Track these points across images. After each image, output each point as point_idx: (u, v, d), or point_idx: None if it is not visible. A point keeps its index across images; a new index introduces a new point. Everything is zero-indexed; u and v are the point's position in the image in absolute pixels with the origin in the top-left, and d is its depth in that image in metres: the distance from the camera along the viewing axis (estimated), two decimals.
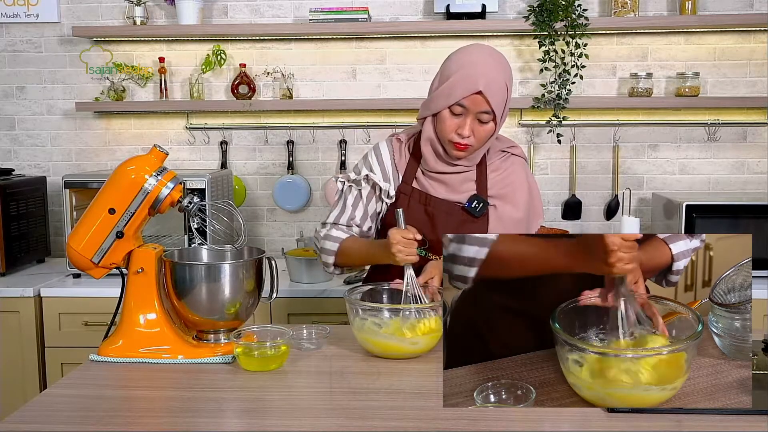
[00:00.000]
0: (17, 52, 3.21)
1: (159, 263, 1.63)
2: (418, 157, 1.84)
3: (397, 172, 1.87)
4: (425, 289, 1.69)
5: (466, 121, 1.71)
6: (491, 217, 1.82)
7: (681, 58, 3.08)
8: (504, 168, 1.85)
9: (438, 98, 1.74)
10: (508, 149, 1.89)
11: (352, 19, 2.98)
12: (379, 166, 1.87)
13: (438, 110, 1.74)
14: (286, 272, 2.75)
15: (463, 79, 1.68)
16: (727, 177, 3.12)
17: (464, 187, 1.82)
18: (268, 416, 1.31)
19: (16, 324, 2.63)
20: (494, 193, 1.83)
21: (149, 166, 1.60)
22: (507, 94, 1.73)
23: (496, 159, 1.86)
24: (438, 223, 1.80)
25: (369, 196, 1.88)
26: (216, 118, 3.20)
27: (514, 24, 2.96)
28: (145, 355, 1.59)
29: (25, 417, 1.30)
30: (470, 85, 1.67)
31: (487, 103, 1.68)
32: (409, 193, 1.84)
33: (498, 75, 1.70)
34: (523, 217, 1.84)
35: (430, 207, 1.82)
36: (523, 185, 1.86)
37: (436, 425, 1.24)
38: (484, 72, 1.68)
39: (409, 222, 1.75)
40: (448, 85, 1.71)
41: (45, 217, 3.11)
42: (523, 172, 1.88)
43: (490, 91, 1.67)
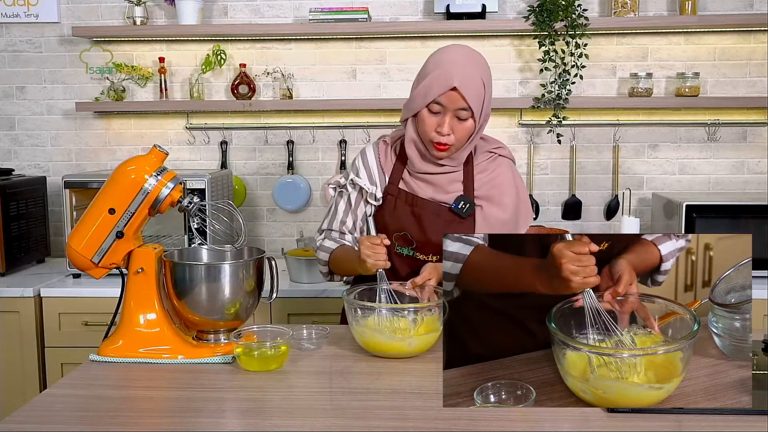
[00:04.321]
0: (17, 52, 3.21)
1: (159, 263, 1.63)
2: (405, 159, 1.85)
3: (383, 174, 1.88)
4: (422, 289, 1.69)
5: (445, 119, 1.72)
6: (478, 218, 1.82)
7: (681, 58, 3.08)
8: (491, 169, 1.86)
9: (416, 98, 1.75)
10: (495, 150, 1.89)
11: (352, 19, 2.98)
12: (365, 170, 1.88)
13: (417, 110, 1.76)
14: (286, 272, 2.75)
15: (438, 77, 1.70)
16: (727, 177, 3.12)
17: (451, 188, 1.83)
18: (268, 416, 1.31)
19: (16, 324, 2.63)
20: (481, 194, 1.83)
21: (149, 166, 1.60)
22: (484, 91, 1.73)
23: (483, 160, 1.86)
24: (425, 224, 1.81)
25: (357, 200, 1.90)
26: (216, 118, 3.20)
27: (514, 24, 2.96)
28: (145, 355, 1.59)
29: (25, 417, 1.30)
30: (445, 82, 1.69)
31: (463, 99, 1.69)
32: (395, 194, 1.85)
33: (473, 71, 1.71)
34: (510, 218, 1.84)
35: (417, 208, 1.82)
36: (510, 187, 1.86)
37: (436, 425, 1.24)
38: (459, 69, 1.70)
39: (395, 223, 1.79)
40: (424, 85, 1.73)
41: (45, 217, 3.11)
42: (511, 173, 1.88)
43: (465, 86, 1.68)
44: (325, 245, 1.91)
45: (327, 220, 1.95)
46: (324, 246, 1.91)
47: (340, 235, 1.92)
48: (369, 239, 1.69)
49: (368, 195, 1.86)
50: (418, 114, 1.76)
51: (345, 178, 1.92)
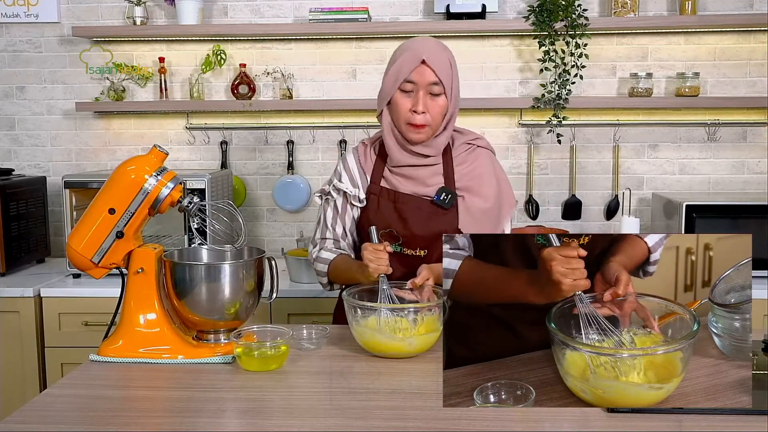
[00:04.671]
0: (17, 52, 3.21)
1: (159, 263, 1.63)
2: (385, 157, 1.88)
3: (365, 175, 1.90)
4: (422, 290, 1.69)
5: (418, 97, 1.75)
6: (460, 208, 1.84)
7: (681, 58, 3.08)
8: (470, 161, 1.88)
9: (387, 84, 1.80)
10: (473, 141, 1.91)
11: (352, 19, 2.98)
12: (347, 174, 1.91)
13: (390, 95, 1.79)
14: (286, 272, 2.75)
15: (407, 57, 1.75)
16: (727, 177, 3.12)
17: (432, 181, 1.85)
18: (268, 416, 1.31)
19: (16, 324, 2.63)
20: (461, 185, 1.85)
21: (149, 166, 1.60)
22: (452, 72, 1.78)
23: (462, 151, 1.89)
24: (408, 218, 1.83)
25: (343, 206, 1.91)
26: (216, 118, 3.20)
27: (514, 24, 2.96)
28: (145, 355, 1.59)
29: (25, 417, 1.30)
30: (414, 58, 1.74)
31: (434, 72, 1.73)
32: (378, 192, 1.87)
33: (440, 51, 1.77)
34: (492, 206, 1.86)
35: (399, 203, 1.84)
36: (490, 177, 1.88)
37: (436, 425, 1.24)
38: (426, 47, 1.76)
39: (380, 221, 1.81)
40: (394, 68, 1.77)
41: (45, 217, 3.11)
42: (490, 163, 1.90)
43: (434, 59, 1.73)
44: (322, 256, 1.91)
45: (319, 230, 1.96)
46: (321, 257, 1.91)
47: (334, 243, 1.93)
48: (372, 245, 1.71)
49: (352, 198, 1.88)
50: (392, 99, 1.79)
51: (329, 185, 1.94)
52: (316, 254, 1.93)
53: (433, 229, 1.81)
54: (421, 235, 1.82)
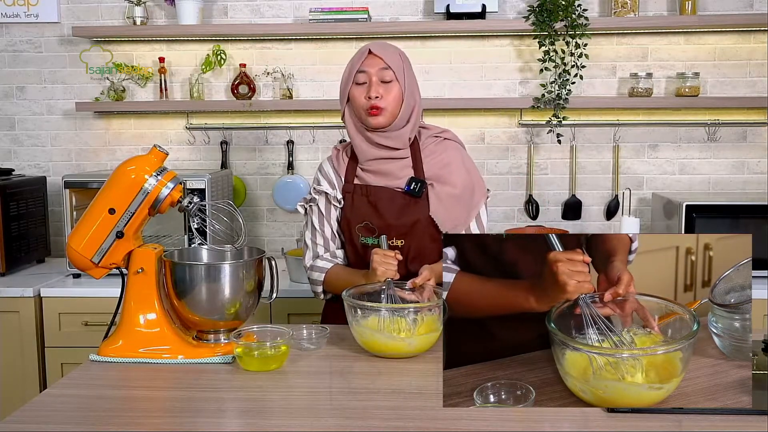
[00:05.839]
0: (17, 52, 3.21)
1: (159, 263, 1.63)
2: (356, 158, 1.94)
3: (340, 177, 1.96)
4: (422, 290, 1.70)
5: (372, 83, 1.84)
6: (431, 196, 1.89)
7: (681, 58, 3.08)
8: (438, 152, 1.94)
9: (343, 81, 1.90)
10: (440, 134, 1.98)
11: (352, 19, 2.98)
12: (324, 178, 1.99)
13: (347, 90, 1.88)
14: (286, 272, 2.75)
15: (356, 54, 1.89)
16: (727, 177, 3.12)
17: (402, 174, 1.90)
18: (268, 416, 1.31)
19: (16, 324, 2.63)
20: (431, 175, 1.91)
21: (149, 166, 1.60)
22: (402, 63, 1.87)
23: (429, 144, 1.95)
24: (382, 210, 1.88)
25: (327, 209, 1.96)
26: (216, 118, 3.20)
27: (514, 24, 2.96)
28: (145, 355, 1.59)
29: (25, 417, 1.30)
30: (362, 52, 1.87)
31: (382, 60, 1.83)
32: (351, 190, 1.93)
33: (387, 45, 1.90)
34: (462, 193, 1.91)
35: (372, 197, 1.90)
36: (459, 166, 1.93)
37: (436, 425, 1.24)
38: (373, 42, 1.90)
39: (356, 216, 1.89)
40: (347, 67, 1.89)
41: (45, 217, 3.11)
42: (458, 154, 1.96)
43: (381, 50, 1.85)
44: (318, 265, 1.95)
45: (309, 234, 1.99)
46: (317, 266, 1.95)
47: (324, 244, 1.96)
48: (382, 251, 1.77)
49: (332, 198, 1.93)
50: (349, 95, 1.88)
51: (309, 194, 2.00)
52: (311, 263, 1.97)
53: (407, 218, 1.87)
54: (395, 224, 1.87)
